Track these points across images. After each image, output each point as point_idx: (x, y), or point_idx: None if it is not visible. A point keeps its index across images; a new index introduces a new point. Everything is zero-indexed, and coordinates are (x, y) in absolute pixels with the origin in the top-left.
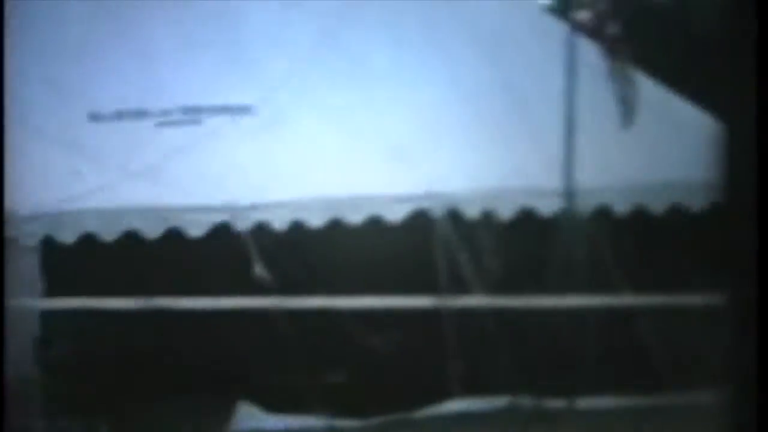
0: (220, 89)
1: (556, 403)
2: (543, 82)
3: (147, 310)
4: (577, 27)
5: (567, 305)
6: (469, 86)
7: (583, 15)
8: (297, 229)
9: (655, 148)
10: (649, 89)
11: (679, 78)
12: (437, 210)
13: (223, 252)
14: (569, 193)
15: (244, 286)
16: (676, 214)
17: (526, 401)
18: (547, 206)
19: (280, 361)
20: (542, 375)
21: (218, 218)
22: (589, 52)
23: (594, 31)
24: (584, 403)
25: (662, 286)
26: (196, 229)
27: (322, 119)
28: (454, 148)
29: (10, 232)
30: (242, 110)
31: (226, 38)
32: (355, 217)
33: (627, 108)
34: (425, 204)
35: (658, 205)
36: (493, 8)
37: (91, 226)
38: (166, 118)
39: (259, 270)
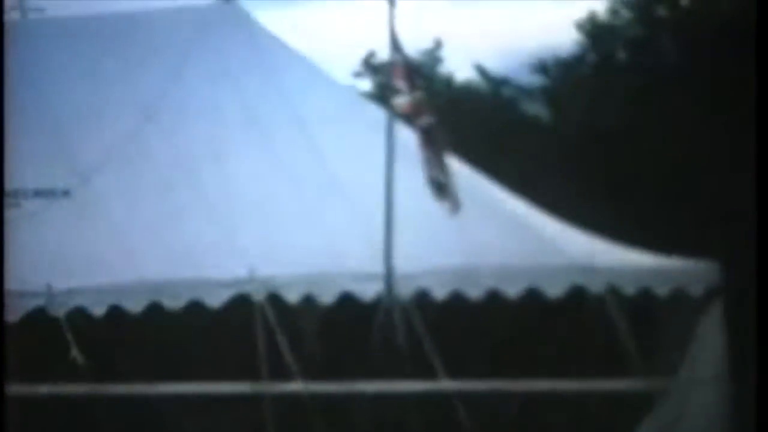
0: (37, 173)
1: None
2: (363, 168)
3: None
4: (396, 114)
5: (387, 390)
6: (291, 170)
7: (401, 101)
8: (115, 314)
9: (473, 233)
10: (466, 176)
11: (499, 162)
12: (258, 294)
13: (39, 337)
14: (389, 278)
15: (61, 372)
16: (493, 300)
17: None
18: (368, 291)
19: None
20: None
21: (34, 303)
22: (409, 138)
23: (411, 118)
24: None
25: (479, 371)
26: (10, 315)
27: (140, 201)
28: (276, 232)
29: None
30: (60, 194)
31: (43, 122)
32: (175, 302)
33: (447, 194)
34: (246, 288)
35: (474, 291)
36: (315, 94)
37: None
38: None
39: (75, 356)
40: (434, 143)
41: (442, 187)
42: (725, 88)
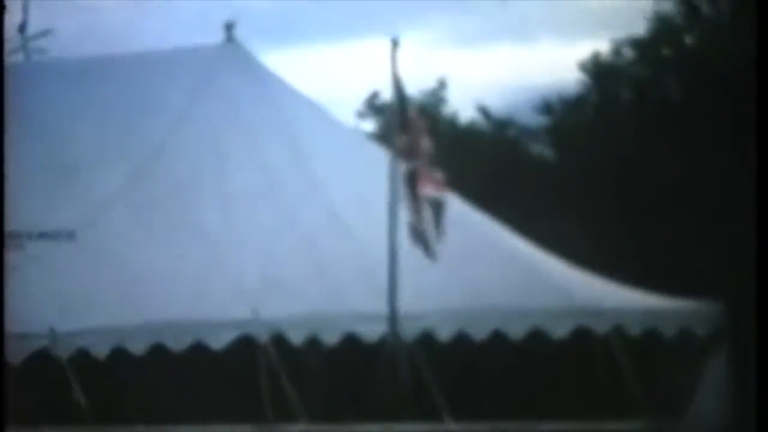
0: (42, 214)
1: None
2: (367, 209)
3: None
4: (396, 154)
5: (392, 431)
6: (295, 212)
7: (402, 141)
8: (119, 355)
9: (477, 274)
10: (469, 216)
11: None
12: (262, 336)
13: (42, 379)
14: (393, 319)
15: (64, 414)
16: (498, 340)
17: None
18: (372, 332)
19: None
20: None
21: (37, 345)
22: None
23: (408, 158)
24: None
25: (483, 412)
26: (14, 357)
27: (145, 243)
28: (280, 274)
29: None
30: (65, 236)
31: (49, 163)
32: (179, 344)
33: (420, 240)
34: (250, 330)
35: (479, 331)
36: (319, 135)
37: None
38: None
39: (78, 397)
40: (413, 189)
41: (416, 233)
42: (729, 127)
